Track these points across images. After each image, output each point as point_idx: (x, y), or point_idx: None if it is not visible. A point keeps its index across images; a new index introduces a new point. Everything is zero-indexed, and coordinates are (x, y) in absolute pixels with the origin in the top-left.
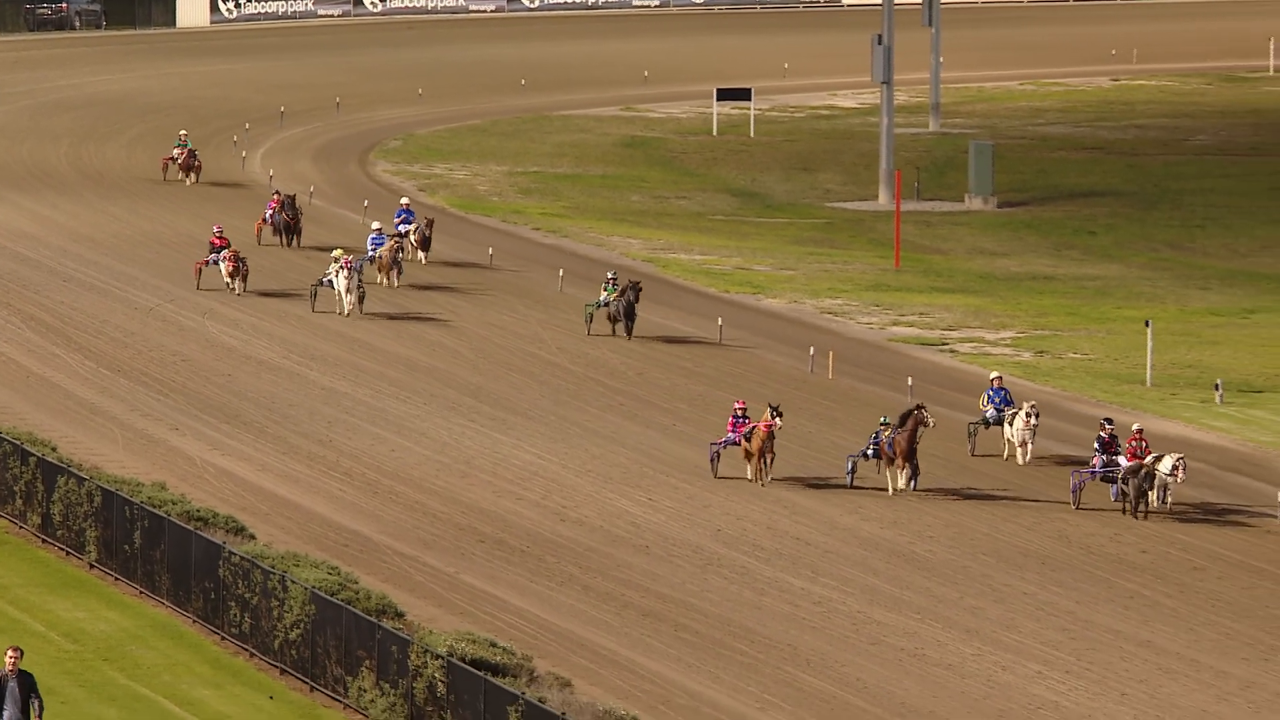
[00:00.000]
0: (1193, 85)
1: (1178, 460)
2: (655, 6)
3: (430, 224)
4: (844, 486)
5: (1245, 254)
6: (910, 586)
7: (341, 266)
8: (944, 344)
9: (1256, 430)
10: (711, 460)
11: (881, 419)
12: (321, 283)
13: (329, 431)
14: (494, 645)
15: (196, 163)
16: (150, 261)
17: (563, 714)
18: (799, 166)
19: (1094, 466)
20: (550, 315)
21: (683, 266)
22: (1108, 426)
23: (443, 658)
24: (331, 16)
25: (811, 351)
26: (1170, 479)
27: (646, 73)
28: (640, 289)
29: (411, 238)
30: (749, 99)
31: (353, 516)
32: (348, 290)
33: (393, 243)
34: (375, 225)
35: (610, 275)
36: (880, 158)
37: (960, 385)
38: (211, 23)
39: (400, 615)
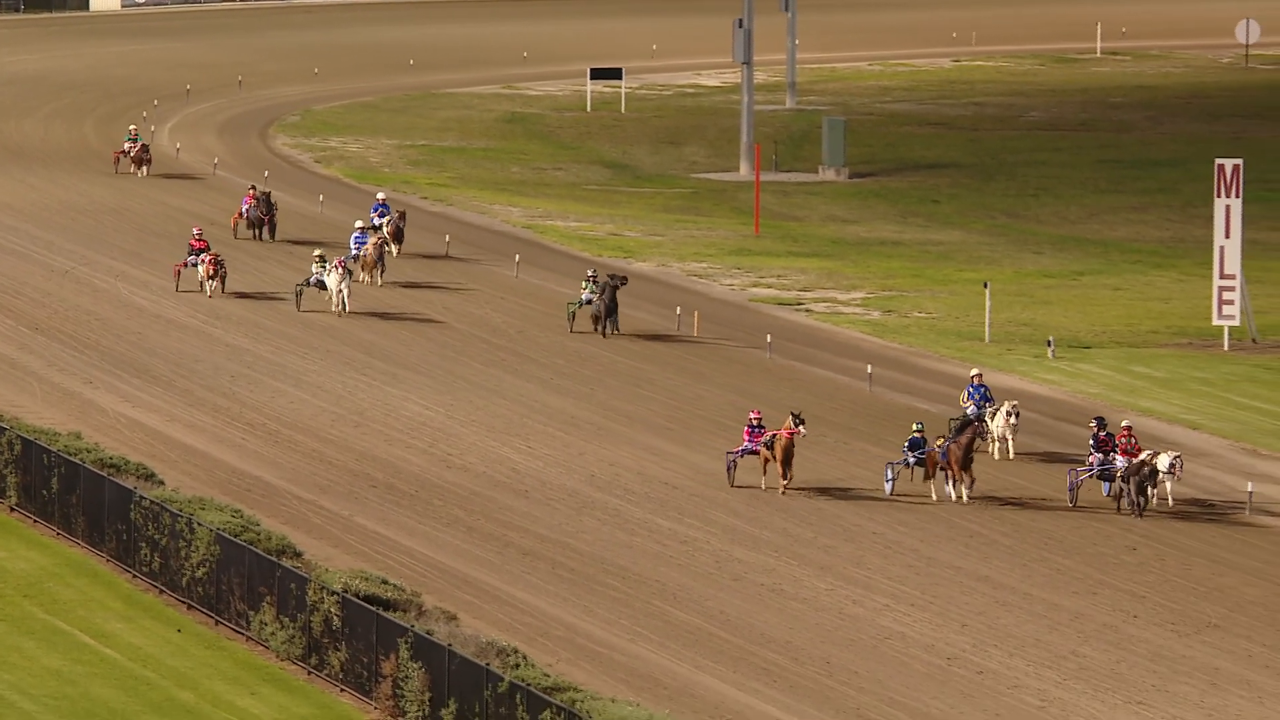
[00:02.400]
0: (1027, 66)
1: (1174, 458)
2: None
3: (403, 216)
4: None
5: (1075, 221)
6: (769, 527)
7: (334, 266)
8: (800, 304)
9: (1085, 382)
10: (728, 469)
11: (915, 425)
12: (309, 283)
13: (232, 385)
14: (385, 582)
15: (148, 156)
16: (65, 228)
17: (448, 645)
18: (666, 140)
19: (1090, 465)
20: (437, 277)
21: (559, 233)
22: (1100, 426)
23: (338, 594)
24: (235, 1)
25: (678, 311)
26: (1168, 476)
27: (526, 54)
28: (624, 281)
29: (384, 230)
30: (620, 78)
31: (255, 463)
32: (338, 289)
33: (376, 240)
34: (358, 224)
35: (590, 273)
36: (741, 132)
37: (814, 342)
38: (123, 6)
39: (299, 555)
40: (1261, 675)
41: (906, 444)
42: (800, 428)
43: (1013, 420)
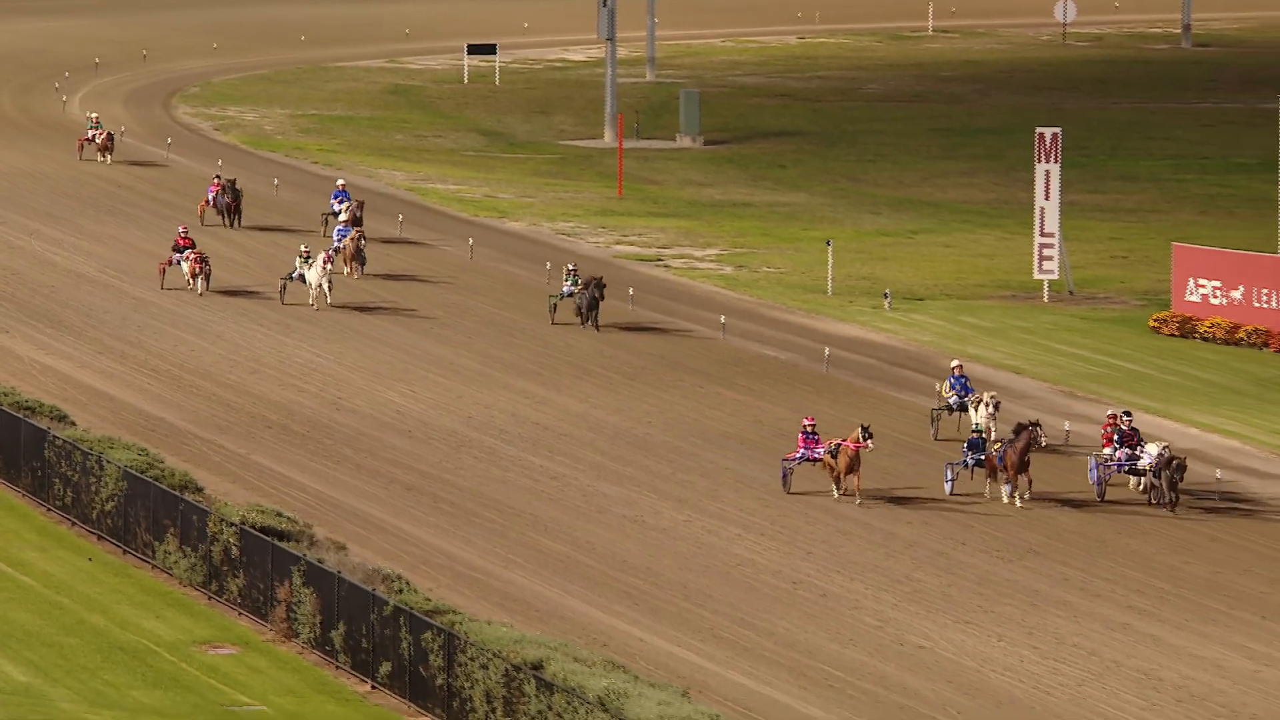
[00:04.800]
0: (865, 43)
1: (1164, 449)
2: None
3: (361, 205)
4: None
5: (909, 185)
6: (631, 464)
7: (318, 260)
8: (659, 260)
9: (918, 331)
10: (784, 476)
11: (974, 426)
12: (291, 277)
13: (139, 334)
14: (280, 515)
15: (112, 143)
16: None
17: (338, 572)
18: (537, 110)
19: (1119, 459)
20: (307, 225)
21: (439, 195)
22: (1126, 420)
23: (236, 525)
24: None
25: (548, 266)
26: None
27: (408, 31)
28: (604, 285)
29: (343, 216)
30: (495, 53)
31: (159, 406)
32: (318, 283)
33: (356, 234)
34: (342, 218)
35: (570, 267)
36: (605, 103)
37: (673, 295)
38: None
39: (200, 490)
40: (1076, 596)
41: (965, 444)
42: (868, 441)
43: (992, 410)
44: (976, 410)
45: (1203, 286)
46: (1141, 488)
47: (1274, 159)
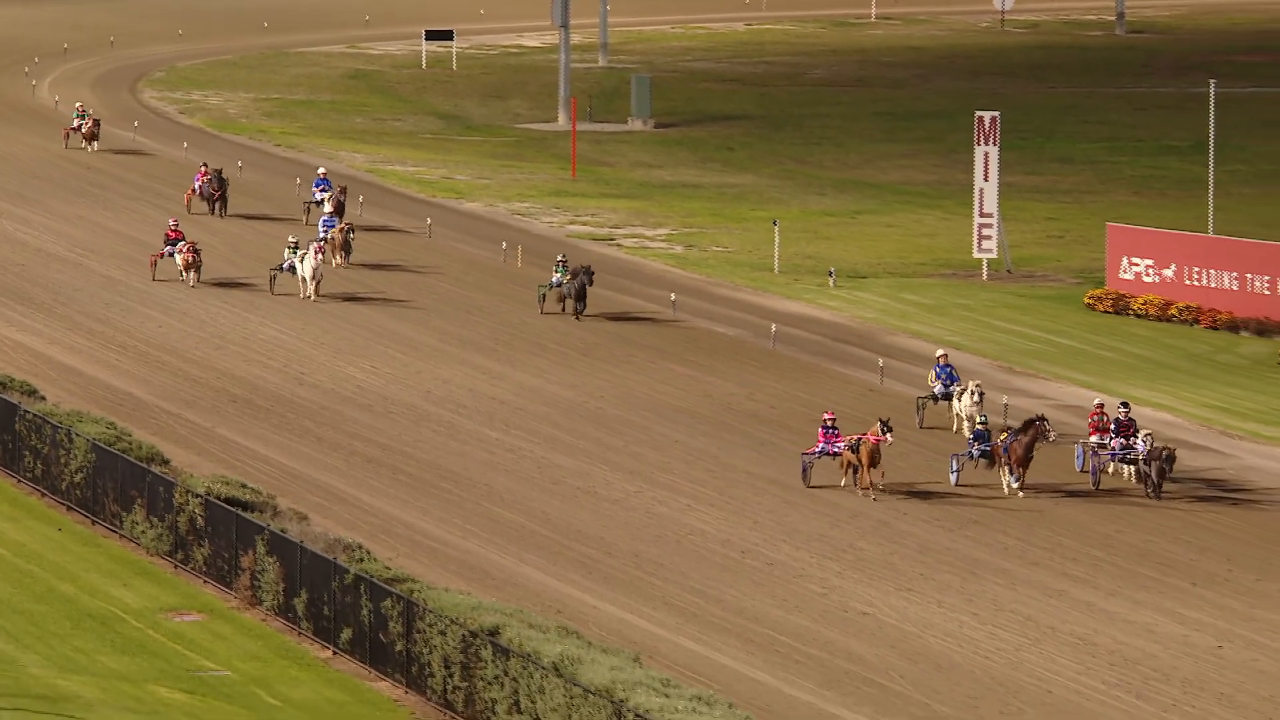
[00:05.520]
0: (810, 29)
1: (1147, 435)
2: None
3: (343, 191)
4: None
5: (853, 166)
6: (584, 436)
7: (309, 252)
8: (611, 239)
9: (861, 308)
10: (804, 470)
11: (980, 418)
12: (281, 268)
13: (107, 311)
14: (244, 486)
15: (98, 131)
16: None
17: (300, 542)
18: (493, 95)
19: (1113, 449)
20: (288, 212)
21: (398, 176)
22: (1123, 410)
23: (201, 496)
24: None
25: (504, 245)
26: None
27: (368, 17)
28: (592, 274)
29: (326, 205)
30: (452, 39)
31: (127, 381)
32: (312, 276)
33: (344, 225)
34: (327, 209)
35: (560, 257)
36: (559, 87)
37: (625, 273)
38: None
39: (166, 462)
40: (1014, 564)
41: (971, 436)
42: (887, 435)
43: (976, 399)
44: (960, 399)
45: (1136, 265)
46: (1137, 477)
47: (1204, 142)
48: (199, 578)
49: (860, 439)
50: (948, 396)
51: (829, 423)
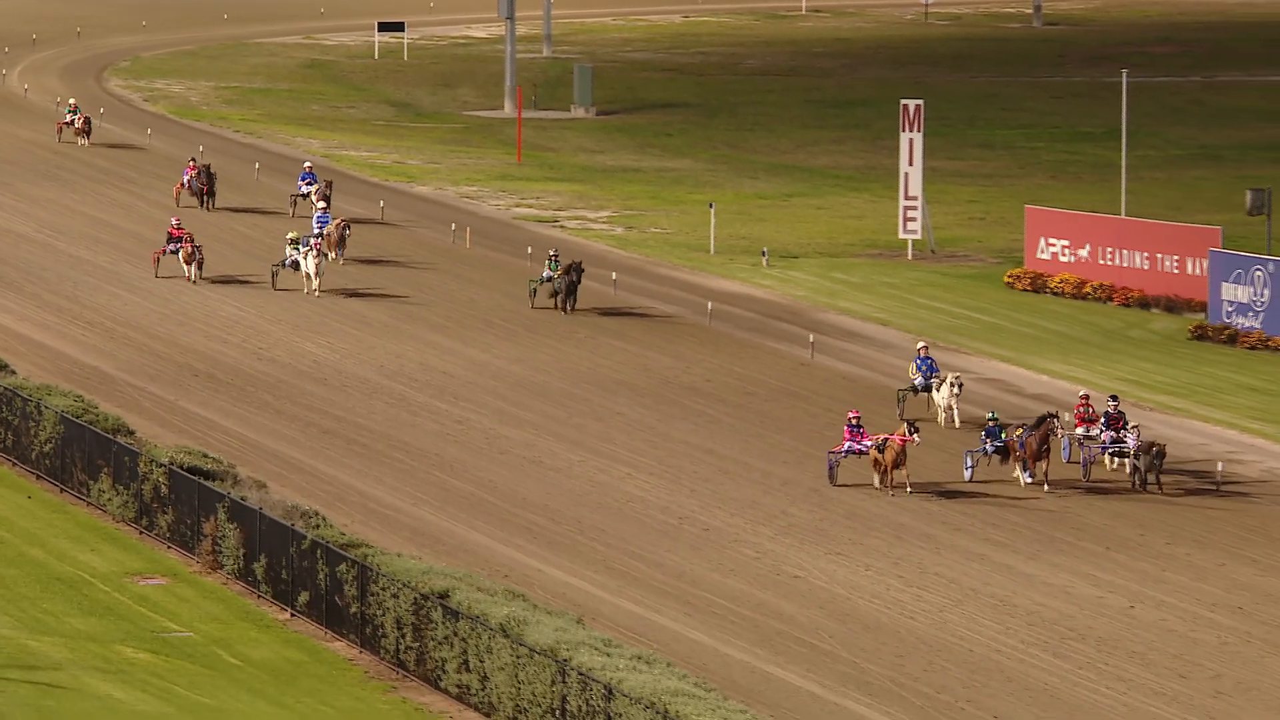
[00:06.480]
0: (744, 21)
1: (1134, 428)
2: None
3: (329, 185)
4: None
5: (785, 151)
6: (530, 409)
7: (311, 249)
8: (555, 221)
9: (793, 287)
10: (830, 469)
11: (990, 414)
12: (284, 264)
13: (74, 290)
14: (206, 456)
15: (90, 127)
16: None
17: (260, 509)
18: (442, 83)
19: (1104, 441)
20: (249, 200)
21: (353, 161)
22: (1113, 404)
23: (165, 466)
24: None
25: (453, 227)
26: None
27: (322, 10)
28: (582, 269)
29: (313, 198)
30: (403, 30)
31: (94, 356)
32: (316, 272)
33: (339, 221)
34: (321, 205)
35: (552, 252)
36: (505, 77)
37: (567, 253)
38: None
39: (132, 433)
40: (939, 530)
41: (984, 432)
42: (914, 436)
43: (956, 390)
44: (939, 390)
45: (1053, 245)
46: (1128, 469)
47: (1117, 129)
48: (163, 543)
49: (886, 439)
50: (928, 388)
51: (854, 421)
